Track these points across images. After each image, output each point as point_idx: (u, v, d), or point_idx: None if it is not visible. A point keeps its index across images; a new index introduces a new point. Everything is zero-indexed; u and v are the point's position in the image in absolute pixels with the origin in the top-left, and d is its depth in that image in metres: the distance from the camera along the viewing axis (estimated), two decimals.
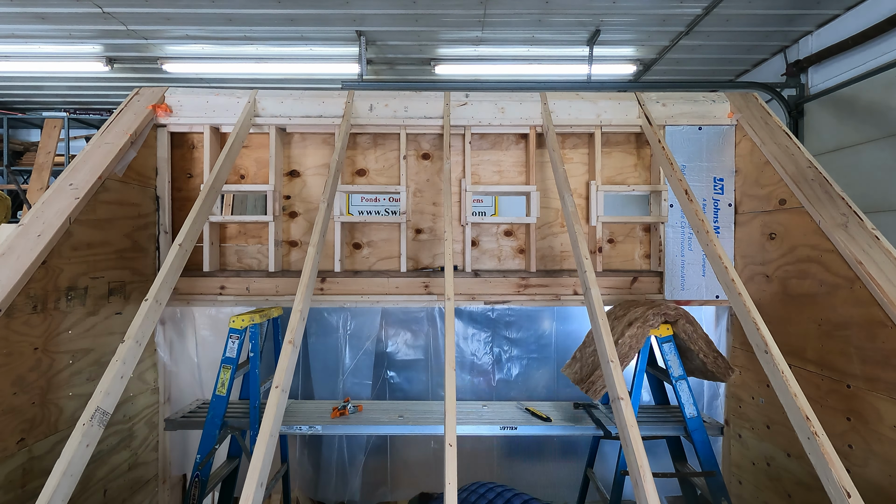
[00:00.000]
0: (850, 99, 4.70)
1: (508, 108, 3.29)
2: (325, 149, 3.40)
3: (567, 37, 5.41)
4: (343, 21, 5.02)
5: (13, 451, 2.24)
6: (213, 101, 3.25)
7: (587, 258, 2.42)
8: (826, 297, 2.48)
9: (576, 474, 3.53)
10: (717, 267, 2.39)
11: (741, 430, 3.13)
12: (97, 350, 2.74)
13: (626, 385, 2.01)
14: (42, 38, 5.46)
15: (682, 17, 4.91)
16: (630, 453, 1.79)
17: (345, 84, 5.08)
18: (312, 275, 2.33)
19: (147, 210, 3.16)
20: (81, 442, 1.78)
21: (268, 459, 1.75)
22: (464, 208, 3.26)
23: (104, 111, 7.81)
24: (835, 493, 1.70)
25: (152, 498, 3.24)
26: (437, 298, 3.23)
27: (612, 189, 3.29)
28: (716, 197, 3.24)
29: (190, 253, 2.49)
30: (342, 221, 3.25)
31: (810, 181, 2.68)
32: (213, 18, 4.96)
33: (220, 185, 2.78)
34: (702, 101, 3.30)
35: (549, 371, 3.76)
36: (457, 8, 4.72)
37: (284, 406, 2.02)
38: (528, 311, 3.79)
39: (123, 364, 1.99)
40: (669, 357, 2.78)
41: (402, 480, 3.82)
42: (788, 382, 1.93)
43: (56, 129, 7.42)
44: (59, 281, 2.48)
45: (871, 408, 2.21)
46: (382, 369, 3.78)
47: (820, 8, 4.69)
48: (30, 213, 2.51)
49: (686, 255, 3.24)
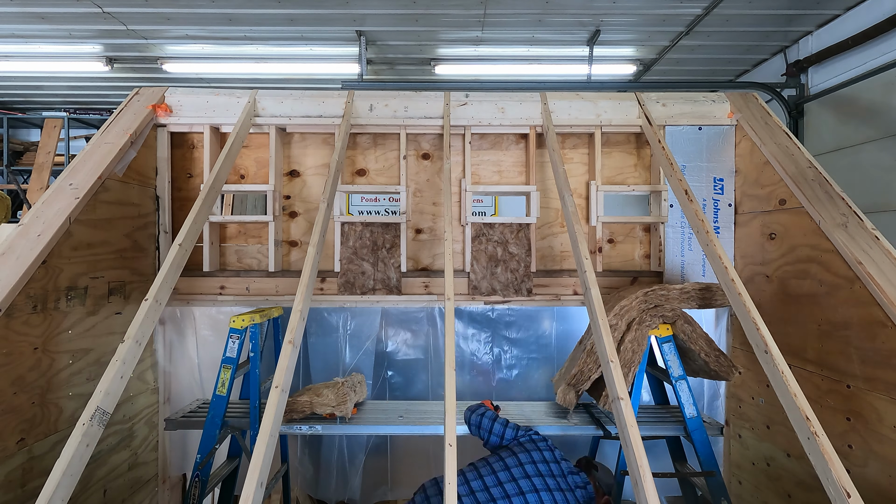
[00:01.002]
0: (851, 99, 4.69)
1: (508, 108, 3.29)
2: (325, 149, 3.40)
3: (567, 37, 5.41)
4: (343, 21, 5.01)
5: (13, 451, 2.24)
6: (213, 101, 3.25)
7: (587, 258, 2.42)
8: (826, 297, 2.48)
9: None
10: (717, 267, 2.39)
11: (741, 430, 3.13)
12: (97, 350, 2.75)
13: (626, 385, 2.01)
14: (42, 38, 5.46)
15: (682, 17, 4.91)
16: (630, 453, 1.79)
17: (345, 84, 5.08)
18: (312, 275, 2.33)
19: (147, 210, 3.16)
20: (81, 442, 1.78)
21: (268, 459, 1.75)
22: (464, 208, 3.26)
23: (104, 111, 7.81)
24: (835, 493, 1.69)
25: (152, 498, 3.24)
26: (437, 298, 3.23)
27: (612, 189, 3.29)
28: (716, 197, 3.24)
29: (190, 253, 2.49)
30: (342, 221, 3.25)
31: (810, 181, 2.68)
32: (213, 18, 4.95)
33: (220, 185, 2.78)
34: (702, 101, 3.30)
35: (550, 371, 3.76)
36: (457, 8, 4.72)
37: (284, 406, 2.02)
38: (528, 311, 3.79)
39: (123, 364, 1.99)
40: (669, 357, 2.77)
41: (402, 480, 3.82)
42: (788, 382, 1.93)
43: (56, 129, 7.43)
44: (59, 281, 2.48)
45: (871, 408, 2.21)
46: (382, 369, 3.78)
47: (820, 8, 4.69)
48: (30, 213, 2.51)
49: (686, 255, 3.24)
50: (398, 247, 3.24)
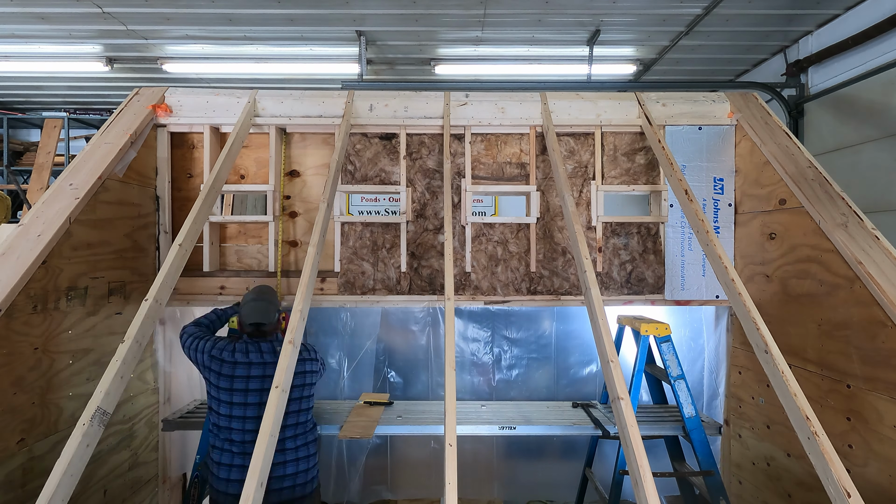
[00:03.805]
0: (851, 99, 4.69)
1: (508, 108, 3.29)
2: (325, 149, 3.40)
3: (567, 37, 5.41)
4: (343, 21, 5.01)
5: (13, 451, 2.24)
6: (213, 101, 3.25)
7: (587, 258, 2.42)
8: (826, 297, 2.48)
9: (575, 474, 3.54)
10: (717, 267, 2.39)
11: (741, 429, 3.13)
12: (97, 350, 2.74)
13: (626, 385, 2.01)
14: (42, 38, 5.45)
15: (682, 17, 4.91)
16: (630, 453, 1.80)
17: (345, 84, 5.08)
18: (312, 275, 2.33)
19: (147, 210, 3.16)
20: (81, 442, 1.78)
21: (268, 459, 1.76)
22: (464, 208, 3.26)
23: (104, 111, 7.80)
24: (835, 493, 1.70)
25: (152, 498, 3.24)
26: (437, 298, 3.23)
27: (613, 189, 3.29)
28: (716, 197, 3.24)
29: (190, 253, 2.49)
30: (342, 221, 3.25)
31: (810, 181, 2.68)
32: (213, 18, 4.95)
33: (220, 185, 2.78)
34: (702, 101, 3.30)
35: (549, 371, 3.76)
36: (457, 8, 4.71)
37: (284, 406, 2.02)
38: (528, 311, 3.79)
39: (123, 364, 1.99)
40: (668, 357, 2.78)
41: (402, 480, 3.82)
42: (788, 382, 1.93)
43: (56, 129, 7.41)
44: (59, 281, 2.48)
45: (871, 408, 2.21)
46: (382, 369, 3.78)
47: (820, 8, 4.69)
48: (30, 213, 2.51)
49: (686, 255, 3.24)
50: (398, 247, 3.24)
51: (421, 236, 3.29)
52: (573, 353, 3.77)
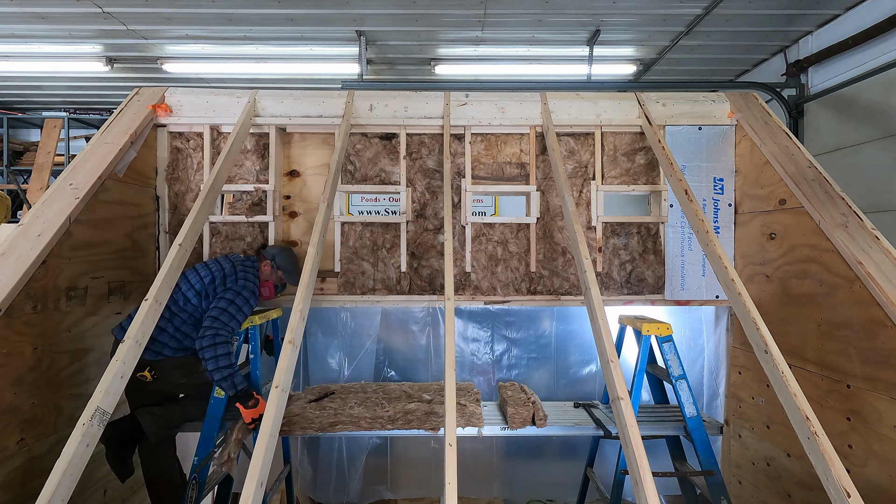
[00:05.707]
0: (850, 99, 4.69)
1: (508, 108, 3.29)
2: (325, 149, 3.40)
3: (567, 37, 5.41)
4: (343, 21, 5.01)
5: (13, 451, 2.24)
6: (213, 100, 3.25)
7: (587, 258, 2.42)
8: (826, 297, 2.48)
9: (576, 474, 3.53)
10: (717, 267, 2.39)
11: (741, 429, 3.13)
12: (97, 350, 2.74)
13: (626, 385, 2.01)
14: (42, 38, 5.45)
15: (682, 17, 4.91)
16: (630, 453, 1.80)
17: (345, 84, 5.08)
18: (312, 275, 2.33)
19: (147, 210, 3.16)
20: (81, 442, 1.78)
21: (267, 459, 1.76)
22: (464, 208, 3.26)
23: (104, 111, 7.80)
24: (835, 493, 1.70)
25: None
26: (437, 298, 3.23)
27: (612, 189, 3.29)
28: (716, 197, 3.24)
29: (190, 253, 2.49)
30: (342, 221, 3.25)
31: (810, 181, 2.68)
32: (213, 18, 4.95)
33: (220, 185, 2.78)
34: (702, 101, 3.30)
35: (549, 371, 3.76)
36: (457, 8, 4.71)
37: (284, 406, 2.02)
38: (528, 311, 3.79)
39: (123, 364, 1.99)
40: (669, 357, 2.78)
41: (403, 480, 3.82)
42: (788, 382, 1.93)
43: (56, 129, 7.41)
44: (59, 281, 2.48)
45: (871, 408, 2.21)
46: (382, 369, 3.78)
47: (820, 8, 4.69)
48: (30, 213, 2.51)
49: (686, 255, 3.24)
50: (398, 247, 3.24)
51: (421, 236, 3.29)
52: (573, 353, 3.77)
